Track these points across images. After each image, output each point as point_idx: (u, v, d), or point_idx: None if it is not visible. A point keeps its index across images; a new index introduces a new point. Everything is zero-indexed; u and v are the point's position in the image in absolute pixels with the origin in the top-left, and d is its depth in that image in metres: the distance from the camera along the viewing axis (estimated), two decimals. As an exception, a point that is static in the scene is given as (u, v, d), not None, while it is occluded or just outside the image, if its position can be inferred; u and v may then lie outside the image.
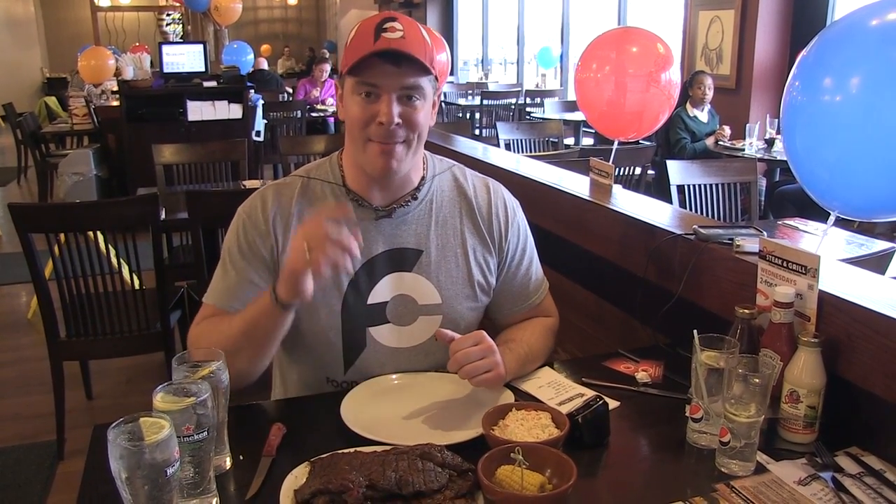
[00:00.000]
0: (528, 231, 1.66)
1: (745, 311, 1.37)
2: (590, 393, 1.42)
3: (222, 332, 1.40)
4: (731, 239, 1.61)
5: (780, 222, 3.13)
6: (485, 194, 1.60)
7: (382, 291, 1.51)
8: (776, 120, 5.28)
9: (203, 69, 6.85)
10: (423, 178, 1.55)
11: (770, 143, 5.11)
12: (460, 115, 9.23)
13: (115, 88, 7.42)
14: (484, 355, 1.38)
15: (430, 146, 1.60)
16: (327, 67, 8.91)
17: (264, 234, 1.48)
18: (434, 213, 1.55)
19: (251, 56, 10.57)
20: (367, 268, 1.50)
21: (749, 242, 1.56)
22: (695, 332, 1.26)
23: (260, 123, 7.23)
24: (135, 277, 2.84)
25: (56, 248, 2.73)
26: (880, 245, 2.55)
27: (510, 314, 1.64)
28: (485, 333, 1.41)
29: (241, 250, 1.48)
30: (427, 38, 1.41)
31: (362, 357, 1.52)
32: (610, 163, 2.36)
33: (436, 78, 1.44)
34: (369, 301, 1.50)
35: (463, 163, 1.68)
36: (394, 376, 1.51)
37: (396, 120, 1.38)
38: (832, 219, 1.62)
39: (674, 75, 2.57)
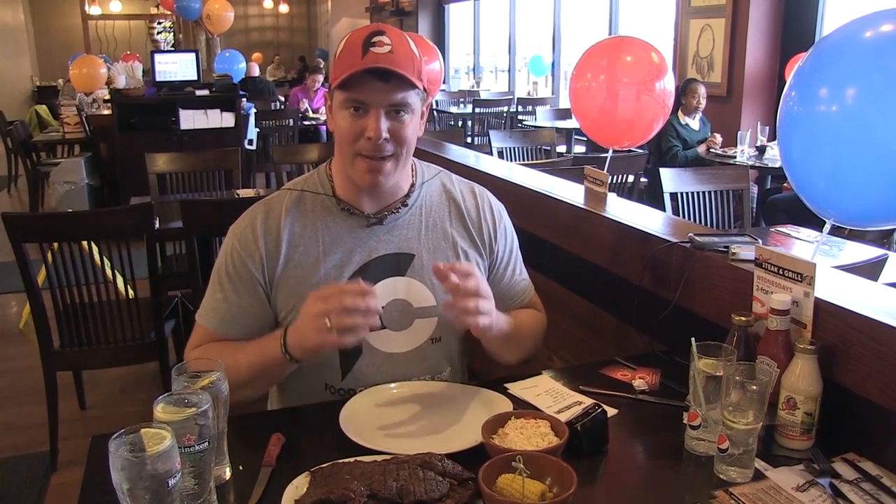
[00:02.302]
0: (513, 233, 1.69)
1: (742, 318, 1.38)
2: (588, 401, 1.43)
3: (228, 367, 1.34)
4: (727, 247, 1.62)
5: (772, 229, 3.15)
6: (472, 199, 1.64)
7: (377, 297, 1.51)
8: (767, 127, 5.32)
9: (195, 77, 6.85)
10: (412, 185, 1.58)
11: (761, 150, 5.14)
12: (452, 123, 9.25)
13: (107, 97, 7.41)
14: (484, 296, 1.37)
15: (422, 155, 1.62)
16: (320, 77, 8.92)
17: (253, 253, 1.50)
18: (424, 217, 1.58)
19: (243, 64, 10.57)
20: (360, 274, 1.51)
21: (745, 250, 1.57)
22: (692, 339, 1.27)
23: (252, 132, 7.22)
24: (128, 287, 2.83)
25: (49, 257, 2.72)
26: (873, 252, 2.58)
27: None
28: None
29: (230, 275, 1.50)
30: (415, 51, 1.43)
31: (359, 363, 1.54)
32: (604, 171, 2.37)
33: (424, 90, 1.46)
34: None
35: (455, 171, 1.70)
36: (393, 385, 1.51)
37: (384, 135, 1.40)
38: (827, 227, 1.64)
39: (668, 84, 2.59)
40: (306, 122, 8.19)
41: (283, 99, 9.70)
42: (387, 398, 1.47)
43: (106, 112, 7.13)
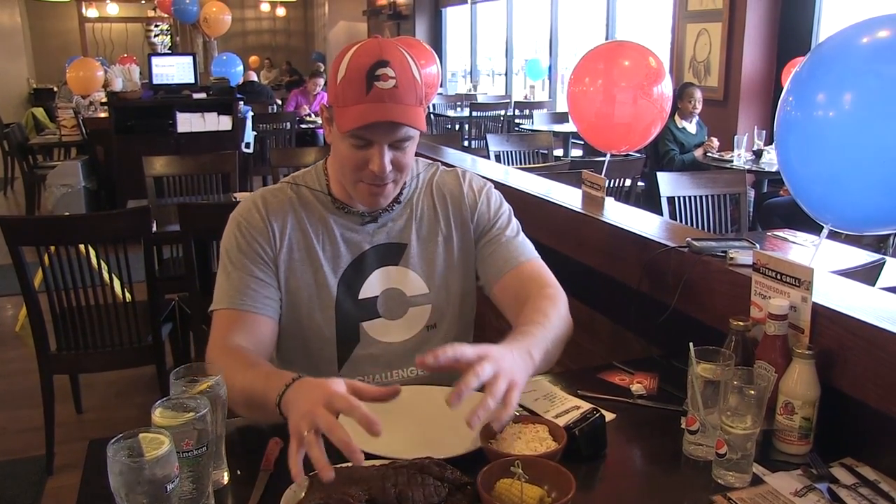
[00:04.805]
0: (504, 204, 1.68)
1: (740, 323, 1.38)
2: (586, 405, 1.43)
3: (234, 381, 1.26)
4: (725, 251, 1.62)
5: (769, 233, 3.15)
6: (454, 180, 1.67)
7: (372, 286, 1.57)
8: (764, 131, 5.33)
9: (192, 81, 6.84)
10: (405, 182, 1.60)
11: (758, 154, 5.15)
12: (449, 126, 9.25)
13: (104, 100, 7.40)
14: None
15: (419, 157, 1.63)
16: (321, 81, 8.92)
17: (263, 232, 1.52)
18: (414, 209, 1.62)
19: (240, 67, 10.56)
20: (356, 265, 1.56)
21: (742, 255, 1.57)
22: (690, 344, 1.27)
23: (249, 135, 7.21)
24: (125, 290, 2.83)
25: (46, 260, 2.72)
26: (870, 256, 2.58)
27: (496, 278, 1.61)
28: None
29: (242, 249, 1.51)
30: (418, 77, 1.42)
31: (356, 352, 1.57)
32: (602, 175, 2.38)
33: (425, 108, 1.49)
34: (360, 296, 1.57)
35: None
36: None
37: (388, 168, 1.43)
38: (825, 232, 1.64)
39: (665, 88, 2.60)
40: (303, 126, 8.18)
41: (279, 102, 9.69)
42: (385, 403, 1.46)
43: (103, 115, 7.12)
